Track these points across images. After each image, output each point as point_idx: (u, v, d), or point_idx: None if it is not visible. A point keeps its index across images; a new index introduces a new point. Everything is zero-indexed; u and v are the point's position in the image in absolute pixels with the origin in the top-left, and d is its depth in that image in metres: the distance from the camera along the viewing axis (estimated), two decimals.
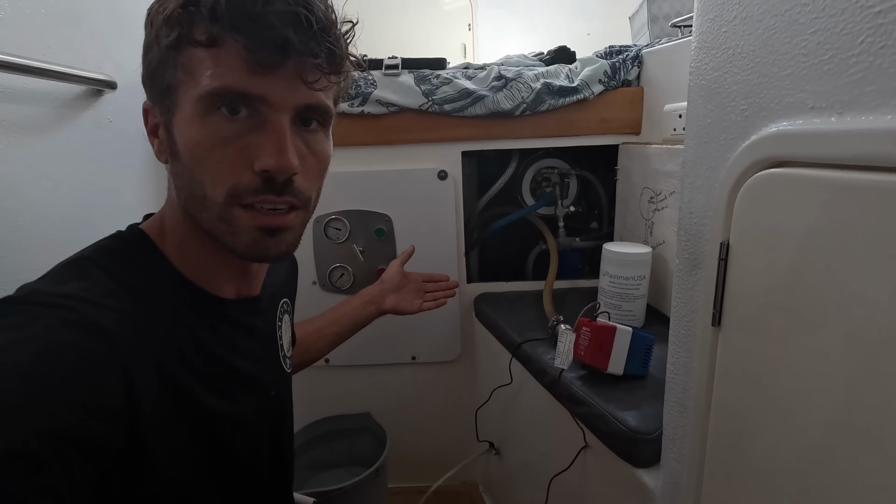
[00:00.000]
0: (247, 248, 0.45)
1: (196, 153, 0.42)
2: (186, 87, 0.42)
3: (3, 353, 0.34)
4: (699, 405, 0.47)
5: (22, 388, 0.33)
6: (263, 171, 0.42)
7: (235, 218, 0.44)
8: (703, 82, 0.45)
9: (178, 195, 0.47)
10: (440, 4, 2.29)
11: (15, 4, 0.63)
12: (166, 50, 0.42)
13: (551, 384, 0.81)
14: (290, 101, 0.43)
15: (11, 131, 0.63)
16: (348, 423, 1.29)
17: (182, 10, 0.40)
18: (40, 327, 0.36)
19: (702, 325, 0.46)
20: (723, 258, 0.42)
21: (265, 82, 0.41)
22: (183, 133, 0.43)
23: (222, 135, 0.42)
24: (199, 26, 0.40)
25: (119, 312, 0.41)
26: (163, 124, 0.45)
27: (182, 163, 0.44)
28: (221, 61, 0.40)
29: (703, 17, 0.45)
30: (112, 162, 0.81)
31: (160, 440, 0.42)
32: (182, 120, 0.43)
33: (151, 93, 0.46)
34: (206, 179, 0.43)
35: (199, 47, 0.40)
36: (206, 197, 0.43)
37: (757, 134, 0.38)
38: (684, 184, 0.49)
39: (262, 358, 0.58)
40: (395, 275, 1.00)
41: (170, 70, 0.42)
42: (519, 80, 1.07)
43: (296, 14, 0.40)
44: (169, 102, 0.44)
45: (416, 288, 1.02)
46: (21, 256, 0.62)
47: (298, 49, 0.40)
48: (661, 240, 0.97)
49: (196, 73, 0.41)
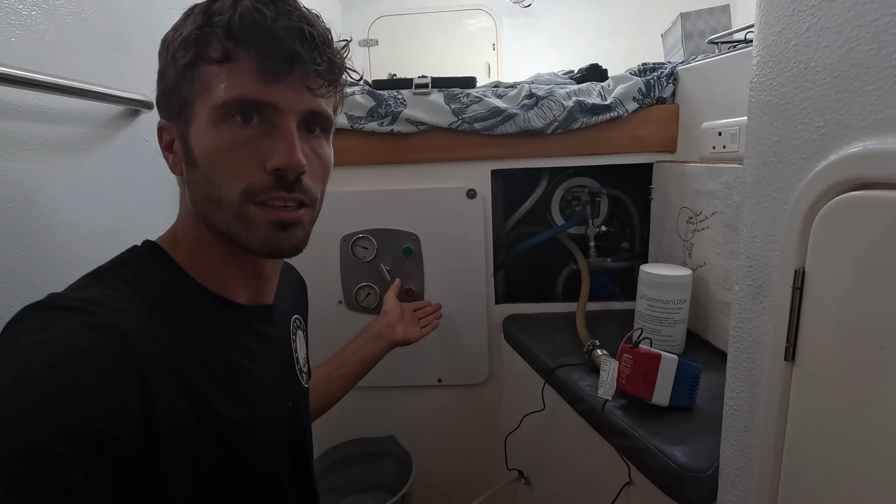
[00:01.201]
0: (262, 242, 0.48)
1: (212, 158, 0.46)
2: (202, 100, 0.46)
3: (25, 354, 0.36)
4: (767, 446, 0.43)
5: (43, 387, 0.35)
6: (276, 170, 0.46)
7: (250, 215, 0.47)
8: (769, 98, 0.42)
9: (192, 201, 0.49)
10: (464, 25, 2.31)
11: (61, 28, 0.64)
12: (182, 69, 0.46)
13: (589, 413, 0.78)
14: (296, 107, 0.47)
15: (53, 151, 0.63)
16: (373, 446, 1.26)
17: (198, 32, 0.44)
18: (61, 330, 0.38)
19: (770, 358, 0.42)
20: (797, 287, 0.38)
21: (274, 90, 0.45)
22: (199, 141, 0.46)
23: (236, 139, 0.46)
24: (213, 44, 0.44)
25: (137, 317, 0.42)
26: (178, 137, 0.49)
27: (198, 169, 0.47)
28: (235, 74, 0.44)
29: (768, 30, 0.42)
30: (146, 180, 0.81)
31: (176, 444, 0.42)
32: (198, 129, 0.46)
33: (167, 111, 0.50)
34: (222, 181, 0.46)
35: (214, 63, 0.45)
36: (221, 197, 0.46)
37: (837, 153, 0.36)
38: (746, 205, 0.46)
39: (278, 368, 0.59)
40: (394, 305, 1.03)
41: (186, 87, 0.46)
42: (550, 98, 1.06)
43: (300, 29, 0.45)
44: (185, 115, 0.47)
45: (411, 317, 1.06)
46: (58, 274, 0.62)
47: (304, 59, 0.45)
48: (702, 262, 0.93)
49: (211, 87, 0.45)
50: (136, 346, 0.40)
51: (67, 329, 0.38)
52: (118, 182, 0.75)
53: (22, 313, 0.40)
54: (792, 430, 0.40)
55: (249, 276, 0.55)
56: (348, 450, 1.25)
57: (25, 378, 0.35)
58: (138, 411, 0.39)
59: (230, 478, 0.49)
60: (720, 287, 0.88)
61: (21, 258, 0.58)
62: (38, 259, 0.60)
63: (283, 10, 0.45)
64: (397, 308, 1.03)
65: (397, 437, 1.26)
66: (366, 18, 2.19)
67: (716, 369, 0.80)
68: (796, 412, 0.40)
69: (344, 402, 1.24)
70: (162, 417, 0.41)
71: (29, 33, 0.60)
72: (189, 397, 0.45)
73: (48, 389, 0.35)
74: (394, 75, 1.20)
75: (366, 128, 1.07)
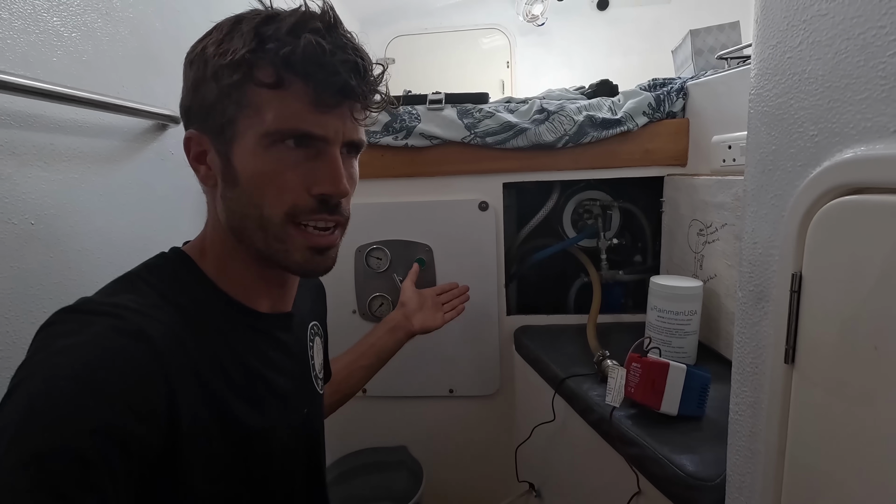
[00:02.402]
0: (299, 265, 0.51)
1: (259, 180, 0.47)
2: (249, 122, 0.46)
3: (57, 356, 0.38)
4: (770, 450, 0.44)
5: (73, 389, 0.36)
6: (321, 195, 0.48)
7: (289, 237, 0.49)
8: (766, 109, 0.44)
9: (228, 216, 0.50)
10: (479, 44, 2.36)
11: (97, 48, 0.69)
12: (227, 88, 0.46)
13: (598, 423, 0.78)
14: (341, 136, 0.49)
15: (85, 162, 0.67)
16: (384, 455, 1.26)
17: (250, 55, 0.45)
18: (91, 333, 0.40)
19: (772, 361, 0.43)
20: (795, 290, 0.39)
21: (324, 120, 0.47)
22: (246, 162, 0.47)
23: (284, 164, 0.47)
24: (265, 69, 0.45)
25: (163, 322, 0.44)
26: (216, 152, 0.49)
27: (240, 187, 0.48)
28: (287, 102, 0.46)
29: (764, 44, 0.44)
30: (172, 192, 0.85)
31: (196, 449, 0.43)
32: (244, 150, 0.47)
33: (202, 124, 0.50)
34: (265, 202, 0.48)
35: (264, 87, 0.45)
36: (262, 217, 0.48)
37: (830, 160, 0.37)
38: (747, 213, 0.47)
39: (295, 374, 0.60)
40: (412, 295, 1.00)
41: (231, 106, 0.47)
42: (561, 112, 1.08)
43: (355, 63, 0.46)
44: (228, 134, 0.48)
45: (433, 304, 1.02)
46: (87, 279, 0.66)
47: (355, 92, 0.47)
48: (713, 273, 0.93)
49: (261, 111, 0.46)
50: (163, 350, 0.42)
51: (97, 332, 0.40)
52: (145, 192, 0.79)
53: (55, 316, 0.42)
54: (793, 433, 0.41)
55: (273, 286, 0.57)
56: (359, 459, 1.26)
57: (56, 380, 0.37)
58: (163, 414, 0.40)
59: (245, 484, 0.50)
60: (731, 298, 0.88)
61: (56, 262, 0.62)
62: (70, 264, 0.64)
63: (340, 42, 0.46)
64: (415, 297, 1.00)
65: (408, 448, 1.26)
66: (383, 38, 2.26)
67: (726, 380, 0.79)
68: (797, 414, 0.40)
69: (356, 412, 1.26)
70: (184, 421, 0.42)
71: (69, 53, 0.64)
72: (210, 403, 0.46)
73: (78, 391, 0.36)
74: (409, 92, 1.24)
75: (381, 142, 1.11)
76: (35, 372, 0.38)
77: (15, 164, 0.57)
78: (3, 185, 0.55)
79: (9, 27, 0.56)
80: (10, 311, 0.56)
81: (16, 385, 0.38)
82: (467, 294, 1.08)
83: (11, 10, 0.57)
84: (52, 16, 0.62)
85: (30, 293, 0.58)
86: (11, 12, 0.57)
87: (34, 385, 0.37)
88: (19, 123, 0.58)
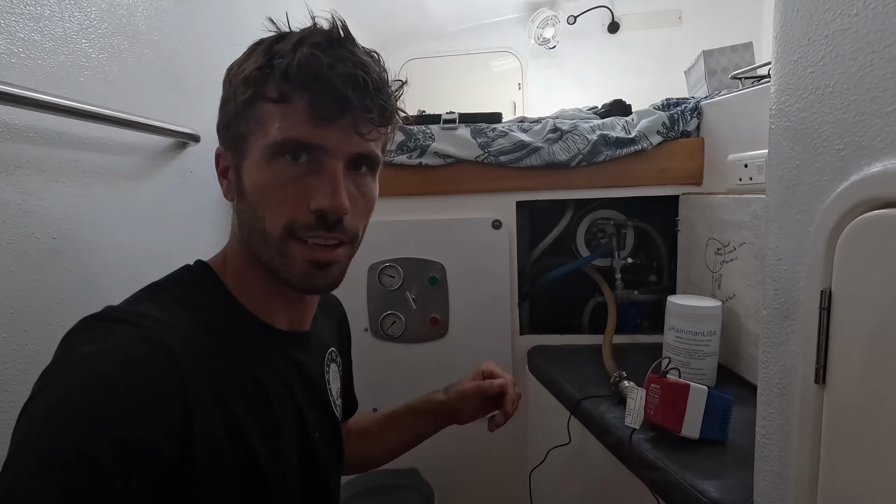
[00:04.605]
0: (298, 279, 0.50)
1: (260, 192, 0.48)
2: (256, 137, 0.48)
3: (78, 364, 0.39)
4: (802, 475, 0.42)
5: (94, 397, 0.36)
6: (318, 210, 0.47)
7: (290, 250, 0.49)
8: (788, 124, 0.43)
9: (240, 230, 0.52)
10: (491, 67, 2.40)
11: (123, 69, 0.71)
12: (242, 104, 0.48)
13: (617, 446, 0.76)
14: (344, 150, 0.48)
15: (108, 178, 0.68)
16: (394, 478, 1.23)
17: (258, 72, 0.46)
18: (114, 341, 0.40)
19: (801, 382, 0.41)
20: (824, 307, 0.38)
21: (324, 133, 0.47)
22: (250, 175, 0.49)
23: (284, 177, 0.47)
24: (271, 85, 0.46)
25: (184, 334, 0.44)
26: (233, 167, 0.51)
27: (247, 201, 0.49)
28: (288, 115, 0.46)
29: (785, 59, 0.44)
30: (191, 209, 0.86)
31: (209, 463, 0.43)
32: (250, 164, 0.49)
33: (225, 140, 0.52)
34: (266, 215, 0.48)
35: (271, 103, 0.46)
36: (265, 230, 0.48)
37: (858, 174, 0.36)
38: (770, 229, 0.46)
39: (310, 396, 0.59)
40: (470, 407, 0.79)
41: (243, 121, 0.48)
42: (575, 132, 1.08)
43: (355, 76, 0.46)
44: (240, 149, 0.49)
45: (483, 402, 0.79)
46: (106, 293, 0.66)
47: (355, 105, 0.46)
48: (732, 293, 0.91)
49: (266, 125, 0.47)
50: (182, 361, 0.42)
51: (119, 341, 0.40)
52: (165, 208, 0.80)
53: (81, 323, 0.43)
54: (826, 457, 0.39)
55: (290, 302, 0.57)
56: (369, 481, 1.23)
57: (78, 387, 0.37)
58: (179, 425, 0.40)
59: (257, 502, 0.49)
60: (751, 319, 0.86)
61: (76, 277, 0.62)
62: (89, 278, 0.64)
63: (341, 55, 0.46)
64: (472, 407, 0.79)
65: (419, 470, 1.23)
66: (397, 61, 2.30)
67: (749, 403, 0.76)
68: (829, 437, 0.39)
69: None
70: (199, 434, 0.42)
71: (95, 74, 0.66)
72: (224, 418, 0.45)
73: (97, 399, 0.36)
74: (423, 111, 1.25)
75: (395, 160, 1.12)
76: (56, 379, 0.38)
77: (41, 179, 0.58)
78: (28, 200, 0.56)
79: (40, 48, 0.58)
80: (29, 324, 0.56)
81: (38, 391, 0.38)
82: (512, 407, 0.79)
83: (43, 33, 0.59)
84: (80, 38, 0.64)
85: (50, 307, 0.59)
86: (43, 35, 0.59)
87: (55, 392, 0.37)
88: (46, 140, 0.59)
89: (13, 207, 0.55)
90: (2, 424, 0.52)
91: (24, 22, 0.56)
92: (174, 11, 0.82)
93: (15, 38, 0.55)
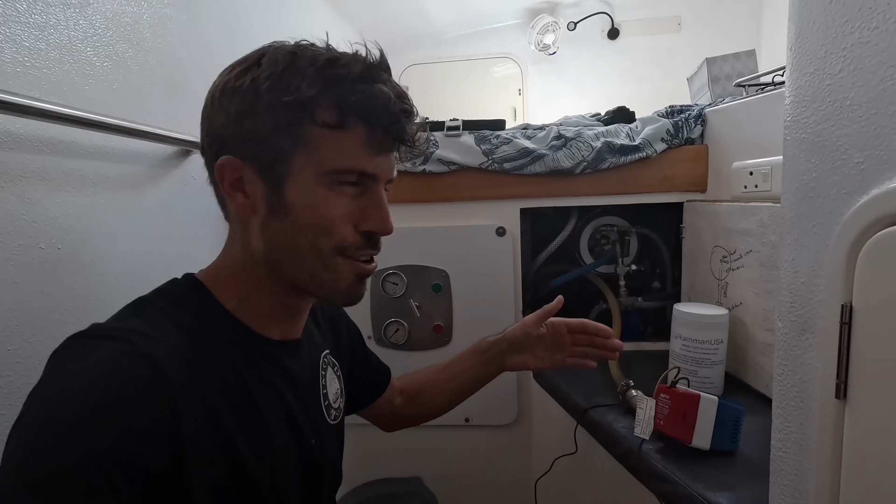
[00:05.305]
0: (344, 293, 0.53)
1: (313, 214, 0.49)
2: (304, 159, 0.48)
3: (63, 381, 0.39)
4: (821, 491, 0.41)
5: (79, 414, 0.36)
6: (369, 232, 0.51)
7: (338, 266, 0.51)
8: (804, 136, 0.43)
9: (269, 246, 0.51)
10: (491, 73, 2.40)
11: (127, 77, 0.70)
12: (285, 124, 0.47)
13: (625, 456, 0.75)
14: (387, 175, 0.53)
15: (112, 187, 0.68)
16: (398, 487, 1.23)
17: (316, 95, 0.46)
18: (99, 357, 0.40)
19: (820, 396, 0.41)
20: (845, 322, 0.38)
21: (377, 161, 0.50)
22: (300, 196, 0.49)
23: (338, 201, 0.50)
24: (329, 111, 0.47)
25: (171, 347, 0.44)
26: (263, 183, 0.49)
27: (291, 219, 0.49)
28: (346, 143, 0.48)
29: (800, 71, 0.43)
30: (193, 217, 0.85)
31: (201, 476, 0.43)
32: (300, 184, 0.48)
33: (244, 153, 0.49)
34: (317, 235, 0.49)
35: (324, 127, 0.47)
36: (312, 247, 0.50)
37: (879, 188, 0.36)
38: (785, 241, 0.46)
39: (304, 403, 0.58)
40: (521, 336, 0.81)
41: (286, 141, 0.47)
42: (579, 139, 1.08)
43: (410, 111, 0.50)
44: (281, 168, 0.48)
45: (555, 342, 0.82)
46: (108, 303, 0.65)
47: (407, 138, 0.51)
48: (738, 301, 0.91)
49: (319, 149, 0.48)
50: (170, 375, 0.41)
51: (104, 356, 0.40)
52: (168, 217, 0.79)
53: (67, 341, 0.43)
54: (847, 473, 0.39)
55: (289, 314, 0.57)
56: (372, 490, 1.22)
57: (63, 404, 0.37)
58: (168, 440, 0.40)
59: None
60: (759, 327, 0.86)
61: (79, 287, 0.61)
62: (93, 288, 0.64)
63: (398, 91, 0.49)
64: (522, 338, 0.81)
65: (423, 479, 1.23)
66: (397, 67, 2.30)
67: (758, 413, 0.77)
68: (851, 453, 0.38)
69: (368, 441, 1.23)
70: (190, 447, 0.42)
71: (100, 82, 0.66)
72: (214, 430, 0.45)
73: (83, 416, 0.36)
74: (426, 118, 1.25)
75: (399, 168, 1.11)
76: (42, 397, 0.39)
77: (45, 189, 0.57)
78: (32, 210, 0.56)
79: (45, 57, 0.58)
80: (33, 335, 0.55)
81: (25, 410, 0.38)
82: (615, 354, 0.82)
83: (49, 42, 0.58)
84: (85, 46, 0.64)
85: (53, 317, 0.58)
86: (48, 43, 0.58)
87: (40, 411, 0.37)
88: (51, 150, 0.58)
89: (17, 217, 0.54)
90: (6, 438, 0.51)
91: (30, 31, 0.56)
92: (178, 19, 0.82)
93: (21, 48, 0.55)
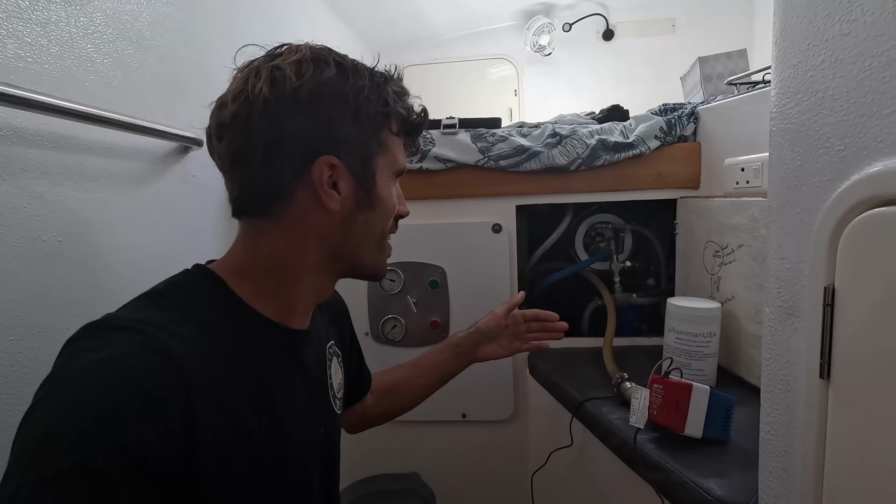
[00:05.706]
0: (383, 269, 0.63)
1: (387, 205, 0.58)
2: (383, 159, 0.57)
3: (80, 373, 0.39)
4: (807, 471, 0.42)
5: (95, 406, 0.37)
6: (399, 216, 0.62)
7: (385, 248, 0.62)
8: (789, 126, 0.44)
9: (346, 237, 0.56)
10: (487, 74, 2.42)
11: (127, 74, 0.71)
12: (376, 130, 0.56)
13: (620, 447, 0.76)
14: None
15: (112, 182, 0.69)
16: (396, 483, 1.23)
17: (391, 108, 0.56)
18: (114, 349, 0.40)
19: (805, 378, 0.42)
20: (828, 304, 0.39)
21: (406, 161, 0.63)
22: (384, 191, 0.57)
23: (393, 192, 0.60)
24: (395, 122, 0.57)
25: (186, 339, 0.44)
26: (355, 181, 0.55)
27: (376, 212, 0.57)
28: (400, 147, 0.60)
29: (784, 64, 0.45)
30: (193, 213, 0.86)
31: (215, 467, 0.43)
32: (383, 181, 0.57)
33: (345, 153, 0.53)
34: (386, 222, 0.59)
35: (391, 133, 0.57)
36: (382, 234, 0.59)
37: (858, 173, 0.37)
38: (771, 229, 0.47)
39: (313, 393, 0.60)
40: (493, 327, 0.90)
41: (374, 145, 0.56)
42: (573, 136, 1.10)
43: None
44: (370, 168, 0.56)
45: (514, 332, 0.92)
46: (110, 297, 0.66)
47: None
48: (730, 295, 0.92)
49: (391, 151, 0.58)
50: (184, 366, 0.42)
51: (120, 348, 0.40)
52: (168, 213, 0.80)
53: (81, 332, 0.43)
54: (832, 452, 0.40)
55: (308, 304, 0.60)
56: (370, 486, 1.23)
57: (79, 397, 0.37)
58: (183, 432, 0.40)
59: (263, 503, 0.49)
60: (750, 321, 0.87)
61: (81, 280, 0.62)
62: (94, 281, 0.64)
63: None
64: (495, 329, 0.90)
65: (421, 474, 1.23)
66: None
67: (749, 404, 0.78)
68: (835, 432, 0.39)
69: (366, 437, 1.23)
70: (204, 439, 0.42)
71: (100, 78, 0.67)
72: (229, 421, 0.45)
73: (99, 408, 0.37)
74: None
75: None
76: (58, 388, 0.38)
77: (47, 183, 0.58)
78: (34, 204, 0.57)
79: (46, 53, 0.59)
80: (36, 327, 0.56)
81: (39, 400, 0.38)
82: (561, 335, 0.94)
83: (50, 38, 0.59)
84: (86, 43, 0.64)
85: (56, 309, 0.59)
86: (49, 39, 0.59)
87: (56, 402, 0.37)
88: (52, 144, 0.59)
89: (20, 210, 0.55)
90: (8, 427, 0.52)
91: (32, 27, 0.57)
92: (177, 17, 0.83)
93: (23, 43, 0.56)
